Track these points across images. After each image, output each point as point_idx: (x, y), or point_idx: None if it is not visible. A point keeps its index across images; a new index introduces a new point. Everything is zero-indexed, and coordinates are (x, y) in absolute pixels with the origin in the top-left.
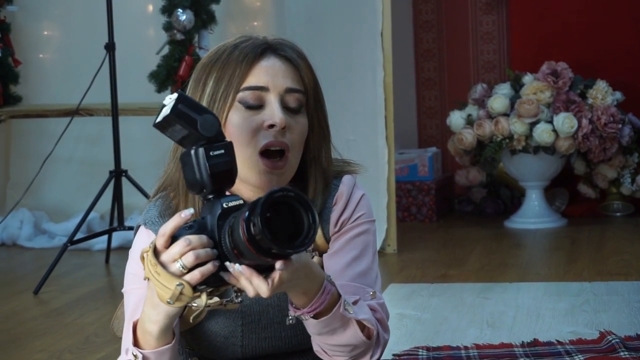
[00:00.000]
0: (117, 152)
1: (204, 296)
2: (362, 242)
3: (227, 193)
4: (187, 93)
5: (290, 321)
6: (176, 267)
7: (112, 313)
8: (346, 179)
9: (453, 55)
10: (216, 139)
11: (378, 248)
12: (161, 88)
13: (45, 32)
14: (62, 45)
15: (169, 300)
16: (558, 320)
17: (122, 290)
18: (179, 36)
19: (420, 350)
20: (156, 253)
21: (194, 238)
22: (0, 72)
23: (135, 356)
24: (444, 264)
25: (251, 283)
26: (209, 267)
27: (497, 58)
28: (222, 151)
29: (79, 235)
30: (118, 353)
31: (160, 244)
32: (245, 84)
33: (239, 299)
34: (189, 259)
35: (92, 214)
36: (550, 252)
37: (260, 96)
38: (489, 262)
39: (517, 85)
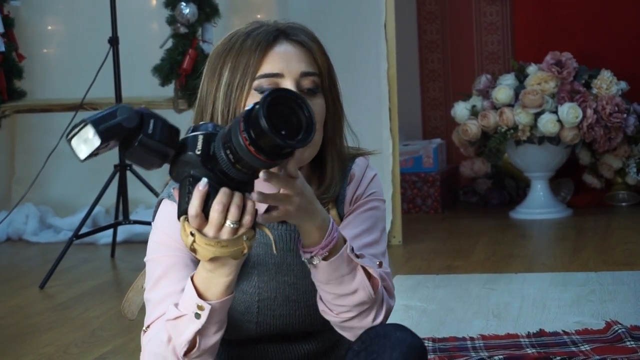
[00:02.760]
0: None
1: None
2: (372, 216)
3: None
4: (202, 84)
5: (306, 261)
6: (229, 228)
7: (118, 307)
8: (359, 160)
9: (457, 47)
10: (140, 124)
11: None
12: (165, 82)
13: (49, 27)
14: (66, 40)
15: (244, 253)
16: (564, 311)
17: (145, 259)
18: (183, 30)
19: (426, 341)
20: (202, 235)
21: (220, 197)
22: (4, 67)
23: (200, 307)
24: (449, 255)
25: (278, 179)
26: (249, 205)
27: (501, 49)
28: (152, 121)
29: (84, 230)
30: (124, 347)
31: (198, 224)
32: (261, 72)
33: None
34: (234, 215)
35: (97, 208)
36: (555, 243)
37: (276, 82)
38: (495, 253)
39: (521, 76)
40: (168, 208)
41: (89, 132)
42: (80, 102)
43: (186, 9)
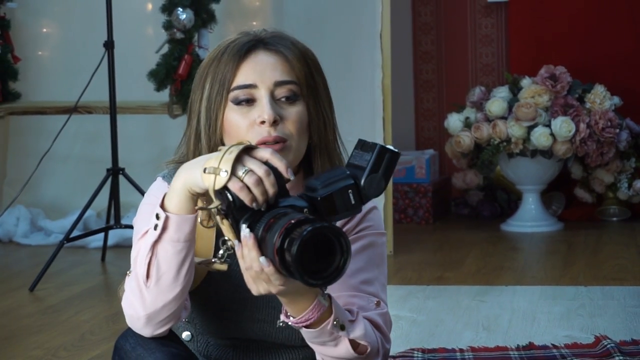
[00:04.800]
0: (114, 150)
1: (216, 202)
2: (367, 255)
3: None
4: (190, 96)
5: (281, 324)
6: (242, 169)
7: (108, 311)
8: None
9: (451, 58)
10: (362, 196)
11: None
12: (160, 87)
13: (45, 30)
14: (61, 43)
15: (206, 167)
16: (553, 324)
17: (133, 221)
18: (179, 35)
19: (416, 352)
20: (245, 151)
21: (272, 179)
22: None
23: (157, 217)
24: (440, 266)
25: (246, 252)
26: (249, 197)
27: (495, 61)
28: (353, 203)
29: (75, 233)
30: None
31: (257, 153)
32: (235, 84)
33: (226, 260)
34: (252, 179)
35: (88, 212)
36: (546, 256)
37: (250, 93)
38: (485, 265)
39: (515, 89)
40: (161, 184)
41: None
42: (75, 105)
43: (183, 15)
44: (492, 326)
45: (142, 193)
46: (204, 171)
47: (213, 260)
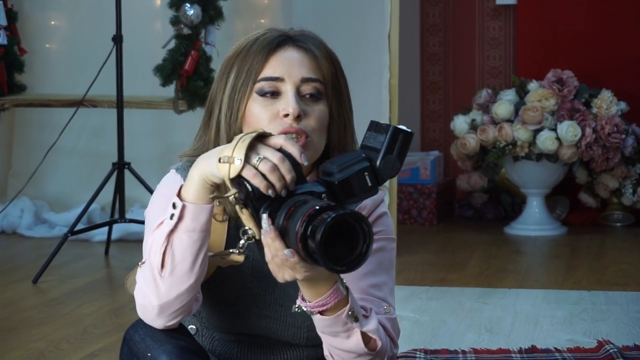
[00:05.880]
0: (120, 144)
1: (232, 191)
2: (377, 258)
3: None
4: (212, 88)
5: (296, 309)
6: (256, 156)
7: (110, 305)
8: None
9: (459, 60)
10: (378, 177)
11: None
12: (166, 82)
13: (52, 22)
14: (69, 36)
15: (221, 157)
16: (556, 328)
17: (146, 212)
18: (186, 31)
19: (418, 352)
20: (258, 138)
21: (288, 165)
22: (5, 60)
23: (174, 206)
24: (443, 267)
25: (270, 242)
26: (263, 184)
27: (502, 64)
28: (370, 185)
29: (79, 226)
30: (116, 345)
31: (271, 140)
32: (262, 75)
33: (245, 251)
34: (267, 166)
35: (92, 206)
36: (549, 260)
37: (276, 86)
38: (489, 267)
39: (522, 92)
40: (175, 176)
41: None
42: (82, 99)
43: (190, 11)
44: (494, 328)
45: (148, 188)
46: (219, 160)
47: (232, 251)
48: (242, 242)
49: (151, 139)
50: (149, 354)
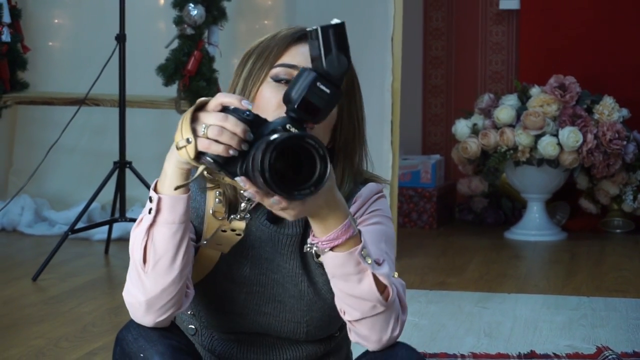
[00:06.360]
0: (122, 143)
1: (200, 168)
2: (376, 230)
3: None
4: (233, 78)
5: (307, 248)
6: (201, 127)
7: (110, 303)
8: (371, 184)
9: (461, 64)
10: (334, 79)
11: None
12: (168, 82)
13: (56, 20)
14: (72, 34)
15: (177, 144)
16: (555, 333)
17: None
18: (189, 31)
19: None
20: (199, 109)
21: (232, 120)
22: (8, 57)
23: (150, 200)
24: (442, 271)
25: (259, 198)
26: (221, 148)
27: (505, 69)
28: (328, 91)
29: (79, 225)
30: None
31: (210, 105)
32: (280, 62)
33: (245, 216)
34: (214, 131)
35: (93, 204)
36: (549, 265)
37: (292, 74)
38: (488, 271)
39: (524, 97)
40: None
41: (335, 21)
42: (84, 97)
43: (194, 11)
44: (494, 333)
45: (148, 187)
46: (177, 148)
47: (232, 217)
48: (243, 204)
49: (153, 138)
50: (142, 355)
